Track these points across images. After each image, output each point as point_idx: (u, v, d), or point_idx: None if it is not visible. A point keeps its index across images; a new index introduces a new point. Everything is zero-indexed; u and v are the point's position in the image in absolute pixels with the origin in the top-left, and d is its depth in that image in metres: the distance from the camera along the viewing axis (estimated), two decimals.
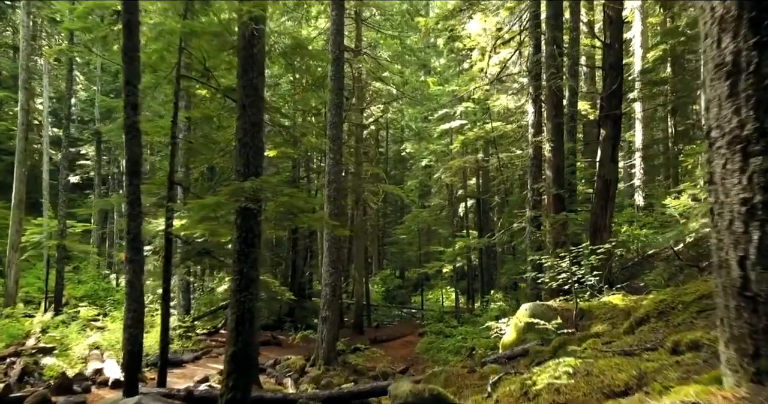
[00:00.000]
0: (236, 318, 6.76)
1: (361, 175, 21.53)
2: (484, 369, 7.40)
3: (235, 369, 6.63)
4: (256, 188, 6.52)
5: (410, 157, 37.74)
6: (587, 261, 8.72)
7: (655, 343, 4.13)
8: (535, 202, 13.08)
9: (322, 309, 14.30)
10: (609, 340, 4.89)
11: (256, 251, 6.97)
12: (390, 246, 34.21)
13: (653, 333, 4.79)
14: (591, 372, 3.49)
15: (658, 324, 5.17)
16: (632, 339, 4.69)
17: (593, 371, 3.51)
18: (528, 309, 8.62)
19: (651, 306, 5.62)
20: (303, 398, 8.11)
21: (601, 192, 12.46)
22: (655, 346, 4.00)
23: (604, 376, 3.30)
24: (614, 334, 6.41)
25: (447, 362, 15.51)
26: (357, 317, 21.16)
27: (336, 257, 14.38)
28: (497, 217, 27.56)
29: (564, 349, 6.71)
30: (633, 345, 4.39)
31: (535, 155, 13.37)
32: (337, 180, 14.51)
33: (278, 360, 14.50)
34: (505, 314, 17.40)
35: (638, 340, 4.53)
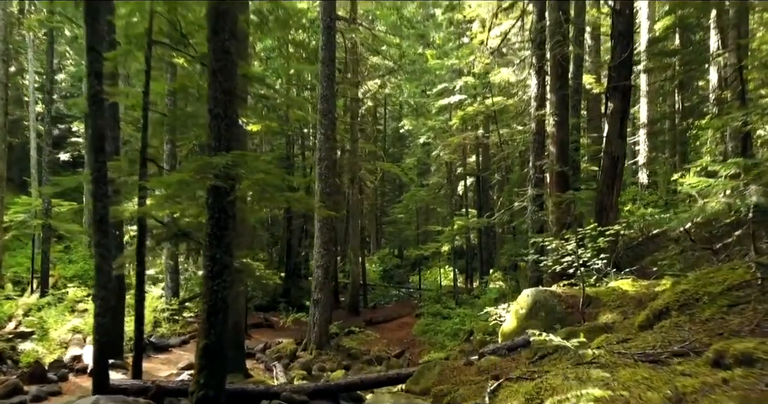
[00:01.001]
0: (208, 308, 6.11)
1: (356, 153, 20.78)
2: (482, 361, 6.80)
3: (208, 365, 6.01)
4: (227, 164, 5.81)
5: (409, 135, 36.92)
6: (594, 244, 8.06)
7: (685, 346, 3.48)
8: (537, 179, 12.36)
9: (314, 292, 13.72)
10: (625, 338, 4.25)
11: (231, 234, 6.29)
12: (387, 225, 33.59)
13: (677, 331, 4.14)
14: (612, 387, 2.85)
15: (680, 318, 4.52)
16: (653, 338, 4.04)
17: (615, 386, 2.86)
18: (530, 295, 7.99)
19: (671, 296, 4.97)
20: (287, 391, 7.52)
21: (607, 169, 11.73)
22: (686, 350, 3.36)
23: (631, 395, 2.64)
24: (627, 326, 5.77)
25: (444, 346, 14.99)
26: (353, 298, 20.63)
27: (328, 238, 13.74)
28: (497, 196, 26.87)
29: None
30: (656, 346, 3.74)
31: (538, 130, 12.60)
32: (329, 157, 13.77)
33: (268, 344, 13.96)
34: (504, 296, 16.85)
35: (661, 340, 3.89)
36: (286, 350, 13.14)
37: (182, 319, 15.04)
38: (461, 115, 20.06)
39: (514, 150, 19.94)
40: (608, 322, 6.49)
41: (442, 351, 12.96)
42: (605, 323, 6.40)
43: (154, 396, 7.05)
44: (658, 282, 7.52)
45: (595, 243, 8.05)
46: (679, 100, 22.25)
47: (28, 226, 19.55)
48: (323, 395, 7.61)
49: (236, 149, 6.30)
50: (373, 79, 23.89)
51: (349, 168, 21.03)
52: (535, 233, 12.26)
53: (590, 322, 6.80)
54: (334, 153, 18.11)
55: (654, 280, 8.06)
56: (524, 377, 4.09)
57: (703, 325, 4.12)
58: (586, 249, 8.19)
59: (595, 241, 8.05)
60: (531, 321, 7.77)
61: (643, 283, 7.80)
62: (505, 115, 21.07)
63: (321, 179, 13.66)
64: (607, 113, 11.87)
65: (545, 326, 7.52)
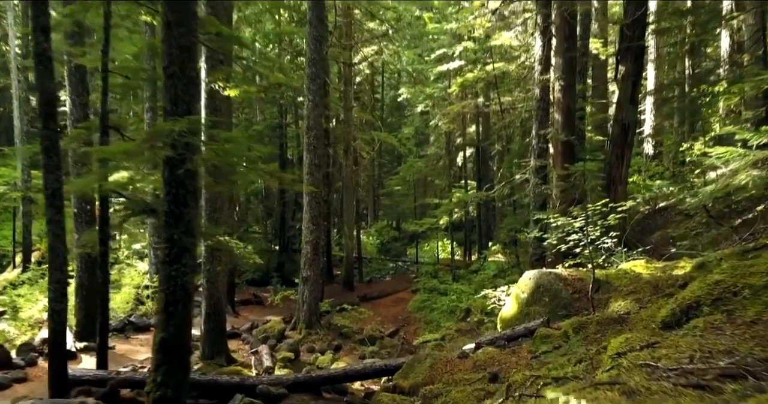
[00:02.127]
0: (166, 297, 5.34)
1: (350, 122, 19.80)
2: (479, 354, 6.08)
3: (166, 361, 5.27)
4: (182, 131, 4.96)
5: (407, 104, 35.77)
6: (604, 221, 7.26)
7: (735, 362, 2.71)
8: (540, 150, 11.49)
9: (303, 269, 13.00)
10: (650, 341, 3.48)
11: (191, 212, 5.47)
12: (384, 198, 32.76)
13: (716, 336, 3.38)
14: None
15: (716, 317, 3.75)
16: (687, 344, 3.27)
17: None
18: (532, 278, 7.23)
19: (701, 288, 4.19)
20: (264, 383, 6.84)
21: (617, 138, 10.86)
22: (738, 370, 2.60)
23: None
24: (645, 319, 5.01)
25: (440, 324, 14.37)
26: (347, 273, 19.97)
27: (317, 212, 12.94)
28: (497, 167, 25.99)
29: (579, 335, 5.34)
30: (694, 358, 2.99)
31: (542, 96, 11.66)
32: (318, 125, 12.86)
33: (255, 323, 13.32)
34: (503, 271, 16.18)
35: (699, 348, 3.13)
36: (273, 330, 12.49)
37: None
38: (460, 82, 19.00)
39: (515, 118, 18.95)
40: (622, 312, 5.73)
41: (438, 332, 12.32)
42: (618, 313, 5.65)
43: (112, 393, 6.35)
44: (676, 264, 6.75)
45: (605, 220, 7.24)
46: (689, 66, 21.17)
47: (8, 199, 18.77)
48: (304, 387, 6.94)
49: (197, 114, 5.43)
50: (370, 45, 22.72)
51: (343, 137, 20.10)
52: (537, 207, 11.48)
53: (601, 311, 6.05)
54: (325, 121, 17.18)
55: (670, 262, 7.30)
56: (527, 394, 3.32)
57: (749, 329, 3.36)
58: (595, 226, 7.39)
59: (605, 218, 7.24)
60: (533, 306, 7.04)
61: (658, 265, 7.03)
62: (507, 82, 20.03)
63: (310, 149, 12.78)
64: (617, 77, 10.93)
65: (549, 313, 6.80)
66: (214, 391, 6.96)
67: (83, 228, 10.85)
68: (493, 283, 14.93)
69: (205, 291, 9.96)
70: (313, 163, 12.70)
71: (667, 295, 5.67)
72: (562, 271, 7.23)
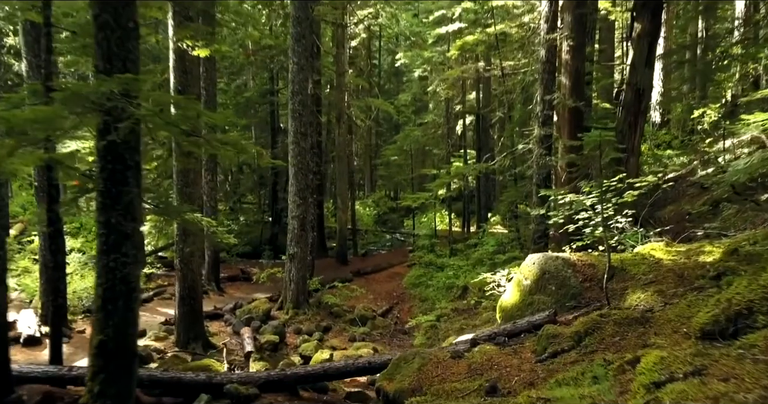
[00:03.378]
0: (104, 292, 4.50)
1: (343, 87, 18.68)
2: (475, 353, 5.27)
3: (105, 367, 4.46)
4: (112, 94, 4.02)
5: (405, 69, 34.42)
6: (619, 198, 6.37)
7: None
8: (545, 117, 10.49)
9: (290, 245, 12.19)
10: (697, 365, 2.67)
11: (132, 191, 4.57)
12: (380, 168, 31.77)
13: None
14: None
15: None
16: (750, 374, 2.45)
17: None
18: (536, 263, 6.38)
19: (753, 289, 3.34)
20: (233, 381, 6.07)
21: (630, 104, 9.89)
22: None
23: None
24: (674, 320, 4.18)
25: (436, 302, 13.65)
26: (340, 247, 19.19)
27: (304, 185, 12.04)
28: (498, 135, 24.95)
29: (593, 337, 4.52)
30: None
31: (548, 58, 10.59)
32: (303, 90, 11.83)
33: (239, 303, 12.56)
34: (502, 246, 15.38)
35: None
36: (258, 310, 11.74)
37: (143, 275, 13.55)
38: (460, 45, 17.81)
39: (517, 83, 17.82)
40: (642, 307, 4.90)
41: (433, 312, 11.60)
42: (639, 309, 4.82)
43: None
44: (701, 248, 5.89)
45: (621, 197, 6.35)
46: (702, 28, 19.93)
47: None
48: (278, 386, 6.16)
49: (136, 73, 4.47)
50: (365, 7, 21.41)
51: (335, 104, 19.03)
52: (540, 180, 10.57)
53: (617, 305, 5.22)
54: (314, 86, 16.11)
55: (692, 244, 6.44)
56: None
57: None
58: (608, 204, 6.51)
59: (621, 195, 6.34)
60: (538, 295, 6.22)
61: (680, 248, 6.17)
62: (509, 44, 18.83)
63: (295, 117, 11.80)
64: (632, 36, 9.88)
65: (556, 303, 5.98)
66: (178, 389, 6.20)
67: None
68: (492, 259, 14.17)
69: (179, 272, 9.15)
70: (298, 131, 11.74)
71: (697, 289, 4.83)
72: (571, 256, 6.38)
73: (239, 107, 22.27)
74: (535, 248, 10.52)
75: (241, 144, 5.07)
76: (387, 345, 11.10)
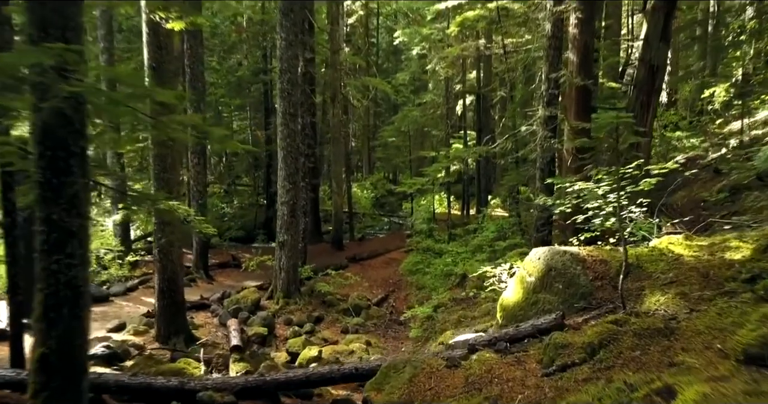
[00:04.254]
0: (45, 298, 3.90)
1: (337, 66, 17.90)
2: (473, 362, 4.70)
3: (47, 385, 3.88)
4: (44, 68, 3.37)
5: (404, 48, 33.46)
6: (635, 187, 5.74)
7: None
8: (550, 97, 9.78)
9: (280, 233, 11.60)
10: (754, 390, 2.10)
11: (77, 182, 3.95)
12: (377, 150, 31.01)
13: None
14: None
15: None
16: None
17: None
18: (542, 258, 5.78)
19: None
20: (208, 388, 5.52)
21: (642, 82, 9.20)
22: None
23: None
24: (703, 332, 3.59)
25: (433, 291, 13.11)
26: (336, 232, 18.61)
27: (294, 169, 11.39)
28: (499, 115, 24.23)
29: (609, 350, 3.93)
30: None
31: (554, 33, 9.84)
32: (292, 68, 11.11)
33: (227, 293, 12.00)
34: (503, 233, 14.79)
35: None
36: (246, 300, 11.20)
37: (128, 262, 12.98)
38: (460, 21, 16.97)
39: (519, 61, 17.02)
40: (664, 313, 4.31)
41: (429, 303, 11.04)
42: (659, 316, 4.23)
43: None
44: (726, 243, 5.28)
45: (636, 185, 5.71)
46: (715, 3, 19.05)
47: None
48: (257, 393, 5.61)
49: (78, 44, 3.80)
50: None
51: (330, 83, 18.27)
52: (545, 164, 9.92)
53: (633, 309, 4.63)
54: (306, 65, 15.35)
55: (715, 236, 5.83)
56: None
57: None
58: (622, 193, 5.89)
59: (637, 183, 5.71)
60: (543, 294, 5.63)
61: (702, 242, 5.56)
62: (511, 20, 17.98)
63: (284, 96, 11.10)
64: (646, 9, 9.15)
65: (563, 303, 5.39)
66: (148, 395, 5.66)
67: None
68: (492, 246, 13.60)
69: (158, 263, 8.57)
70: (287, 112, 11.05)
71: (727, 294, 4.23)
72: (580, 250, 5.77)
73: (231, 86, 21.47)
74: (538, 236, 9.93)
75: (205, 127, 4.42)
76: (381, 336, 10.59)
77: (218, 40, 20.82)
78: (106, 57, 13.16)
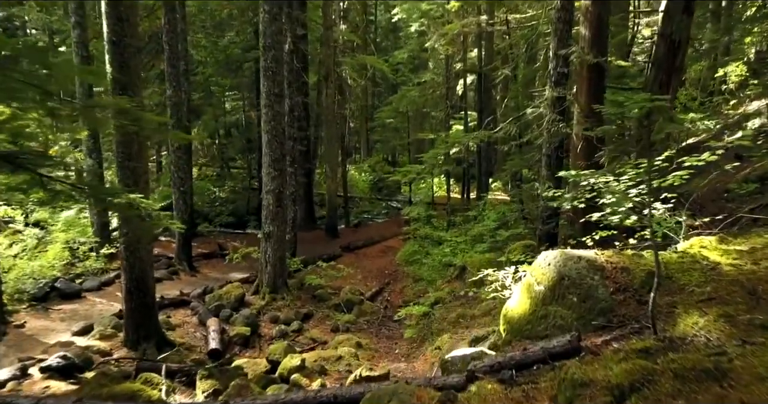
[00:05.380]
0: None
1: (331, 43, 16.88)
2: (471, 393, 3.92)
3: None
4: None
5: (404, 25, 32.27)
6: (662, 180, 4.90)
7: None
8: (559, 76, 8.86)
9: (265, 224, 10.80)
10: None
11: None
12: (375, 131, 30.01)
13: None
14: None
15: None
16: None
17: None
18: (552, 264, 4.96)
19: None
20: None
21: (662, 59, 8.26)
22: None
23: None
24: None
25: (431, 283, 12.36)
26: (330, 219, 17.80)
27: (280, 154, 10.52)
28: (500, 95, 23.20)
29: (641, 396, 3.13)
30: None
31: (563, 4, 8.88)
32: (277, 45, 10.17)
33: (209, 288, 11.23)
34: (505, 222, 13.96)
35: None
36: (230, 296, 10.44)
37: (102, 255, 12.16)
38: None
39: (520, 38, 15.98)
40: (706, 343, 3.50)
41: (426, 302, 10.27)
42: (703, 349, 3.42)
43: None
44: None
45: (663, 179, 4.88)
46: None
47: None
48: None
49: None
50: None
51: (322, 61, 17.29)
52: (552, 150, 9.05)
53: (668, 337, 3.82)
54: (299, 41, 14.37)
55: (752, 237, 4.99)
56: None
57: None
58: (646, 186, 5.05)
59: (663, 177, 4.87)
60: (554, 307, 4.82)
61: (739, 246, 4.74)
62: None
63: (267, 75, 10.19)
64: None
65: (579, 320, 4.60)
66: None
67: None
68: (493, 236, 12.79)
69: (124, 261, 7.76)
70: (272, 92, 10.15)
71: None
72: (597, 256, 4.94)
73: (220, 65, 20.40)
74: (544, 229, 9.11)
75: (137, 113, 3.58)
76: (374, 336, 9.84)
77: (206, 16, 19.70)
78: (78, 32, 12.18)
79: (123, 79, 7.29)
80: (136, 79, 7.41)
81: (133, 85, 7.36)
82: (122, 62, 7.26)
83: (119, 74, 7.25)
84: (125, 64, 7.27)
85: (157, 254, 14.24)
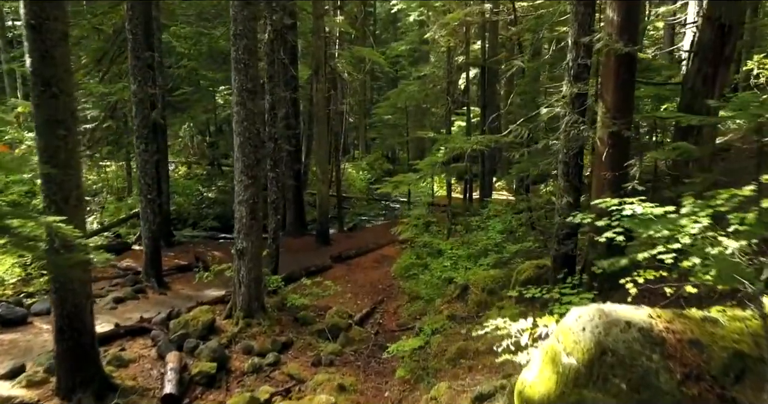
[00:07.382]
0: None
1: (321, 33, 15.45)
2: None
3: None
4: None
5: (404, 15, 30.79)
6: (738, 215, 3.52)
7: None
8: (579, 69, 7.43)
9: (238, 239, 9.42)
10: None
11: None
12: (372, 129, 28.54)
13: None
14: None
15: None
16: None
17: None
18: (589, 329, 3.56)
19: None
20: None
21: (707, 48, 6.86)
22: None
23: None
24: None
25: (429, 302, 11.00)
26: (321, 225, 16.42)
27: (254, 160, 9.12)
28: (505, 90, 21.69)
29: None
30: None
31: None
32: (249, 33, 8.74)
33: (175, 311, 9.84)
34: (512, 233, 12.54)
35: None
36: (197, 322, 9.07)
37: None
38: None
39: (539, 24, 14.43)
40: None
41: (422, 332, 8.90)
42: None
43: None
44: None
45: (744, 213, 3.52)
46: None
47: None
48: None
49: None
50: None
51: (313, 53, 15.87)
52: (571, 157, 7.64)
53: None
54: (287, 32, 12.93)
55: None
56: None
57: None
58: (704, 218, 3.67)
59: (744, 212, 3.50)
60: (592, 392, 3.43)
61: None
62: None
63: (239, 68, 8.78)
64: None
65: None
66: None
67: None
68: (499, 251, 11.41)
69: (53, 294, 6.40)
70: (244, 88, 8.75)
71: None
72: (653, 320, 3.55)
73: (205, 57, 18.98)
74: (561, 251, 7.72)
75: None
76: (362, 372, 8.48)
77: (187, 4, 18.24)
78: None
79: (46, 73, 5.92)
80: (62, 72, 6.03)
81: (58, 79, 5.98)
82: (44, 51, 5.88)
83: (40, 66, 5.88)
84: (48, 53, 5.90)
85: (124, 268, 12.93)
